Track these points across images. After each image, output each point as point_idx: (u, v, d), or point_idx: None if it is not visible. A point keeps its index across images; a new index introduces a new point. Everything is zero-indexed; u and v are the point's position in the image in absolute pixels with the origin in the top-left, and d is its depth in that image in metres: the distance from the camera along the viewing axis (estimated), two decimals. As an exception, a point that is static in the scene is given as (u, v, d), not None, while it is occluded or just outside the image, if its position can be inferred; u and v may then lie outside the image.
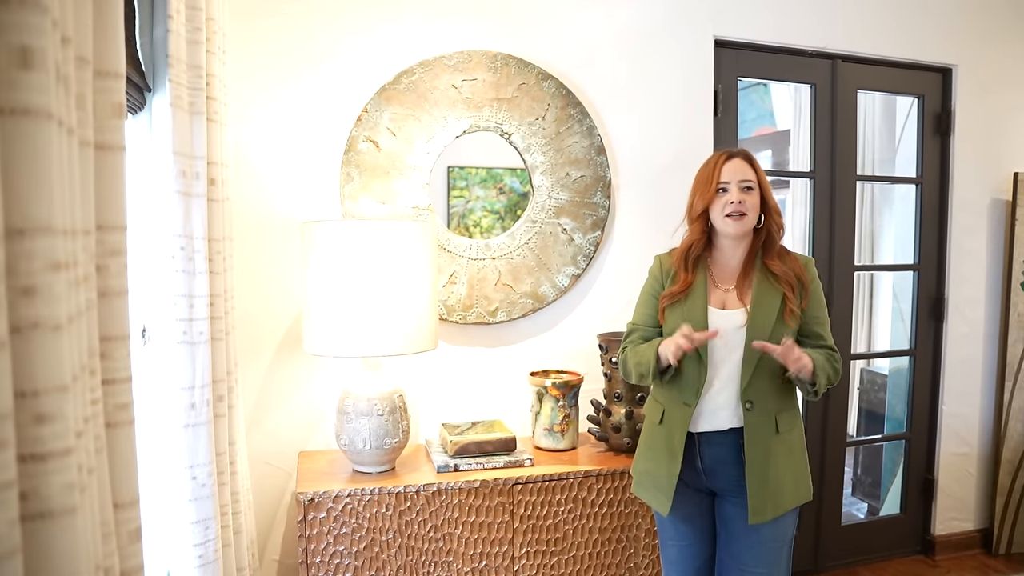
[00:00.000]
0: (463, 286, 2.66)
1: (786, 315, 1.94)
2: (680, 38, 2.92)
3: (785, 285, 1.96)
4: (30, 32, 0.67)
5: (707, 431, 1.97)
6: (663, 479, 1.99)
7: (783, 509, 1.95)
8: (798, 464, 2.00)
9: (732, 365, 1.95)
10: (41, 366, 0.69)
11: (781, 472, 1.94)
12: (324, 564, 2.17)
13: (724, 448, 1.96)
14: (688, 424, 1.96)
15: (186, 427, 1.68)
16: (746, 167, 1.98)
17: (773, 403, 1.95)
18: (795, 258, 2.03)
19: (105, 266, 0.98)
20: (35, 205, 0.68)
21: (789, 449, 1.97)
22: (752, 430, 1.92)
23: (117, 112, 0.99)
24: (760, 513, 1.92)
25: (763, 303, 1.95)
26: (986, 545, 3.57)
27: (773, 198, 2.01)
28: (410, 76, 2.56)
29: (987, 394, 3.55)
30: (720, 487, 2.01)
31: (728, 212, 1.95)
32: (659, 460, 2.02)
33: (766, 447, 1.93)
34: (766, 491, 1.92)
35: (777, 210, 2.02)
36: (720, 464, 1.97)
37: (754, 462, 1.92)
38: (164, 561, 1.78)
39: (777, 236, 2.02)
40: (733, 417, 1.95)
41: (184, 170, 1.68)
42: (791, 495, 1.96)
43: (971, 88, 3.39)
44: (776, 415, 1.95)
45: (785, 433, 1.96)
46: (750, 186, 1.96)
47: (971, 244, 3.47)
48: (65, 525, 0.71)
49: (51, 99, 0.69)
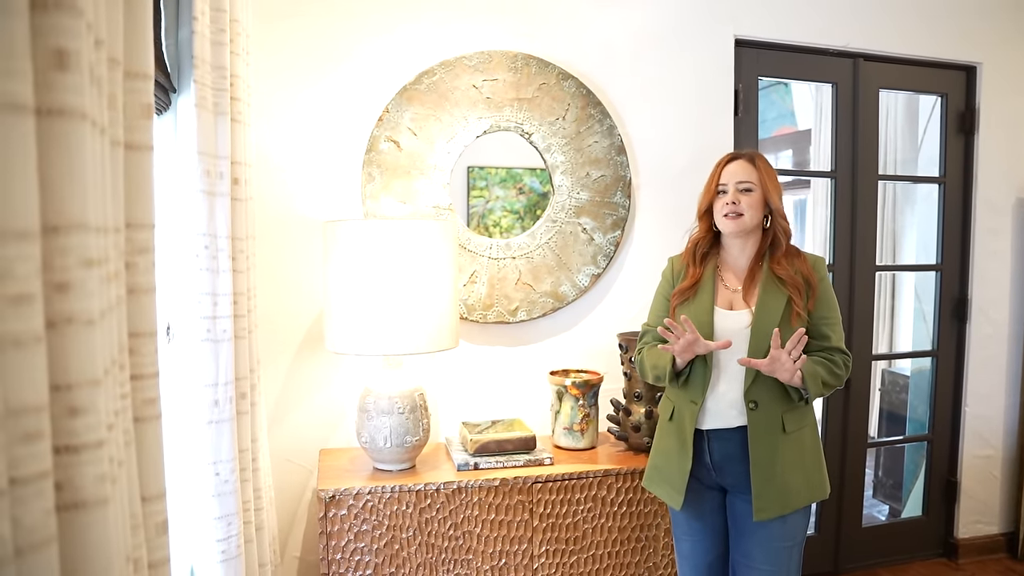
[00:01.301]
0: (483, 285, 2.67)
1: (792, 317, 1.96)
2: (701, 37, 2.92)
3: (791, 288, 1.98)
4: (66, 34, 0.68)
5: (715, 428, 1.99)
6: (675, 474, 2.03)
7: (792, 507, 1.96)
8: (809, 463, 2.00)
9: (737, 365, 1.97)
10: (75, 360, 0.71)
11: (789, 471, 1.95)
12: (345, 561, 2.19)
13: (732, 445, 1.98)
14: (695, 421, 2.00)
15: (210, 423, 1.71)
16: (748, 169, 2.02)
17: (779, 403, 1.96)
18: (804, 259, 2.04)
19: (134, 263, 0.99)
20: (70, 202, 0.70)
21: (799, 448, 1.98)
22: (756, 429, 1.95)
23: (146, 112, 1.01)
24: (764, 511, 1.93)
25: (768, 305, 1.98)
26: (1011, 549, 3.53)
27: (777, 200, 2.03)
28: (431, 76, 2.58)
29: (1011, 396, 3.51)
30: (730, 484, 2.03)
31: (725, 212, 2.02)
32: (670, 456, 2.06)
33: (772, 446, 1.94)
34: (771, 489, 1.93)
35: (781, 214, 2.05)
36: (728, 461, 1.99)
37: (759, 461, 1.94)
38: (188, 556, 1.81)
39: (782, 238, 2.04)
40: (740, 416, 1.97)
41: (208, 170, 1.70)
42: (802, 494, 1.97)
43: (996, 86, 3.35)
44: (783, 414, 1.96)
45: (793, 432, 1.97)
46: (748, 188, 2.01)
47: (995, 244, 3.43)
48: (98, 516, 0.72)
49: (85, 100, 0.71)
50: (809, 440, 2.02)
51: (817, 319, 2.01)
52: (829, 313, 2.03)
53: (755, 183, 2.01)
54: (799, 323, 1.96)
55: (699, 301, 2.04)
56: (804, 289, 1.99)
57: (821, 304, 2.01)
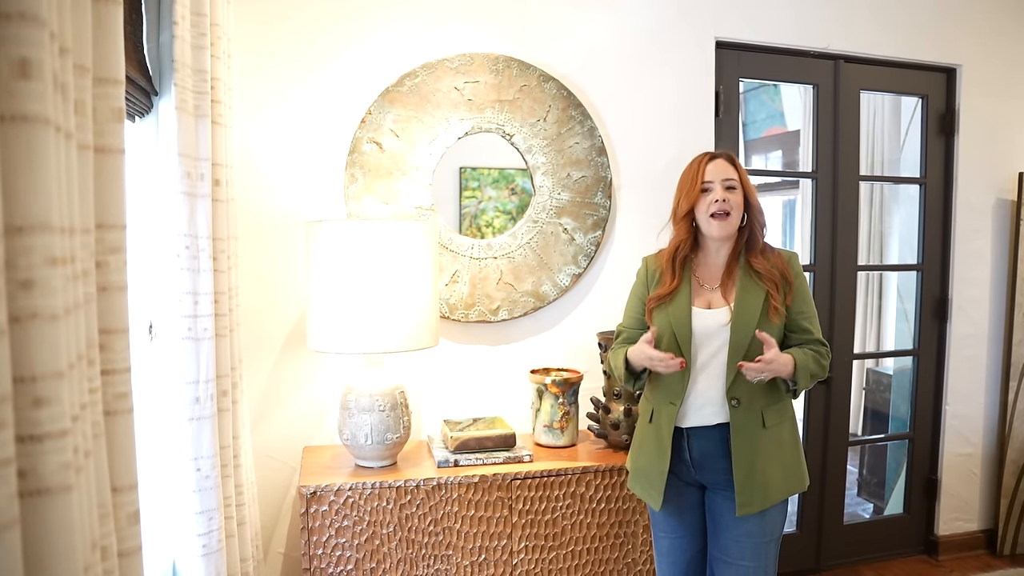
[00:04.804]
0: (465, 285, 2.71)
1: (770, 312, 1.98)
2: (681, 39, 2.95)
3: (768, 283, 1.99)
4: (28, 44, 0.72)
5: (695, 426, 2.01)
6: (654, 475, 2.05)
7: (772, 500, 1.98)
8: (787, 456, 2.03)
9: (718, 363, 1.99)
10: (39, 353, 0.74)
11: (769, 465, 1.98)
12: (326, 556, 2.22)
13: (712, 443, 2.00)
14: (675, 421, 2.01)
15: (191, 420, 1.74)
16: (728, 167, 2.03)
17: (760, 399, 1.98)
18: (779, 254, 2.06)
19: (105, 262, 1.03)
20: (33, 204, 0.74)
21: (778, 442, 2.00)
22: (738, 426, 1.96)
23: (117, 116, 1.05)
24: (747, 506, 1.96)
25: (746, 301, 1.99)
26: (990, 546, 3.57)
27: (755, 197, 2.05)
28: (413, 78, 2.61)
29: (991, 394, 3.56)
30: (709, 481, 2.05)
31: (713, 211, 1.99)
32: (650, 457, 2.07)
33: (753, 442, 1.96)
34: (753, 484, 1.96)
35: (759, 209, 2.06)
36: (708, 458, 2.01)
37: (740, 457, 1.96)
38: (169, 550, 1.84)
39: (760, 234, 2.05)
40: (720, 413, 1.99)
41: (189, 171, 1.73)
42: (780, 487, 2.00)
43: (975, 88, 3.40)
44: (763, 410, 1.98)
45: (773, 427, 1.99)
46: (732, 185, 2.01)
47: (975, 244, 3.47)
48: (61, 502, 0.76)
49: (48, 106, 0.74)
50: (788, 434, 2.04)
51: (796, 314, 2.03)
52: (806, 308, 2.05)
53: (737, 181, 2.02)
54: (777, 318, 1.98)
55: (677, 303, 2.04)
56: (781, 284, 2.01)
57: (799, 299, 2.03)
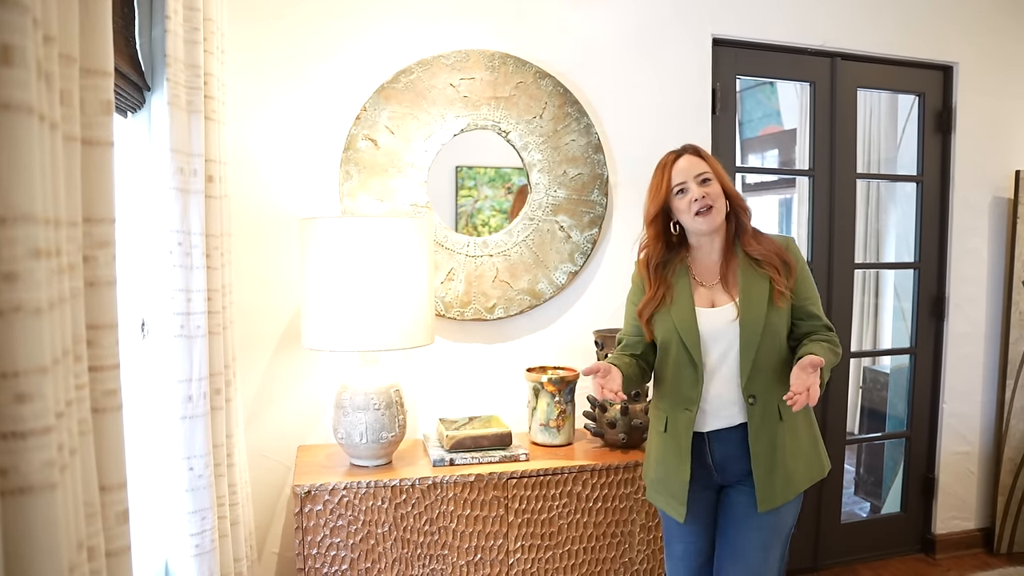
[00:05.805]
0: (461, 283, 2.69)
1: (776, 297, 1.94)
2: (678, 36, 2.94)
3: (769, 267, 1.96)
4: (11, 30, 0.70)
5: (715, 429, 1.98)
6: (676, 487, 2.00)
7: (795, 492, 1.96)
8: (805, 445, 2.00)
9: (731, 362, 1.96)
10: (22, 348, 0.72)
11: (789, 458, 1.95)
12: (320, 556, 2.21)
13: (733, 444, 1.97)
14: (693, 427, 1.97)
15: (183, 419, 1.72)
16: (697, 161, 1.98)
17: (775, 393, 1.94)
18: (772, 239, 2.02)
19: (93, 257, 1.01)
20: (16, 195, 0.72)
21: (794, 434, 1.97)
22: (756, 423, 1.93)
23: (105, 109, 1.03)
24: (769, 501, 1.93)
25: (751, 291, 1.95)
26: (987, 544, 3.57)
27: (730, 183, 2.01)
28: (408, 75, 2.60)
29: (988, 392, 3.55)
30: (730, 480, 2.02)
31: (696, 210, 1.95)
32: (669, 468, 2.02)
33: (771, 438, 1.94)
34: (774, 479, 1.93)
35: (736, 193, 2.02)
36: (729, 460, 1.98)
37: (760, 453, 1.93)
38: (162, 550, 1.82)
39: (745, 218, 2.01)
40: (740, 413, 1.96)
41: (182, 167, 1.71)
42: (803, 476, 1.98)
43: (972, 86, 3.39)
44: (779, 404, 1.95)
45: (788, 420, 1.96)
46: (707, 178, 1.96)
47: (972, 242, 3.47)
48: (45, 501, 0.74)
49: (31, 94, 0.73)
50: (803, 423, 2.00)
51: (802, 299, 1.99)
52: (811, 292, 2.02)
53: (710, 172, 1.97)
54: (783, 302, 1.94)
55: (679, 306, 1.99)
56: (782, 267, 1.97)
57: (801, 284, 1.99)
